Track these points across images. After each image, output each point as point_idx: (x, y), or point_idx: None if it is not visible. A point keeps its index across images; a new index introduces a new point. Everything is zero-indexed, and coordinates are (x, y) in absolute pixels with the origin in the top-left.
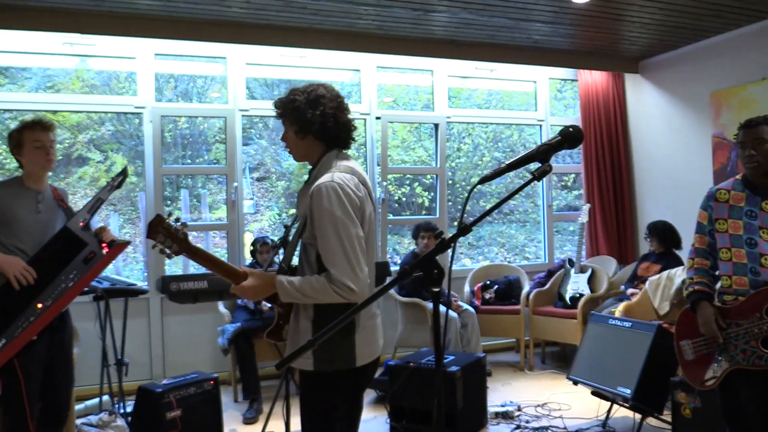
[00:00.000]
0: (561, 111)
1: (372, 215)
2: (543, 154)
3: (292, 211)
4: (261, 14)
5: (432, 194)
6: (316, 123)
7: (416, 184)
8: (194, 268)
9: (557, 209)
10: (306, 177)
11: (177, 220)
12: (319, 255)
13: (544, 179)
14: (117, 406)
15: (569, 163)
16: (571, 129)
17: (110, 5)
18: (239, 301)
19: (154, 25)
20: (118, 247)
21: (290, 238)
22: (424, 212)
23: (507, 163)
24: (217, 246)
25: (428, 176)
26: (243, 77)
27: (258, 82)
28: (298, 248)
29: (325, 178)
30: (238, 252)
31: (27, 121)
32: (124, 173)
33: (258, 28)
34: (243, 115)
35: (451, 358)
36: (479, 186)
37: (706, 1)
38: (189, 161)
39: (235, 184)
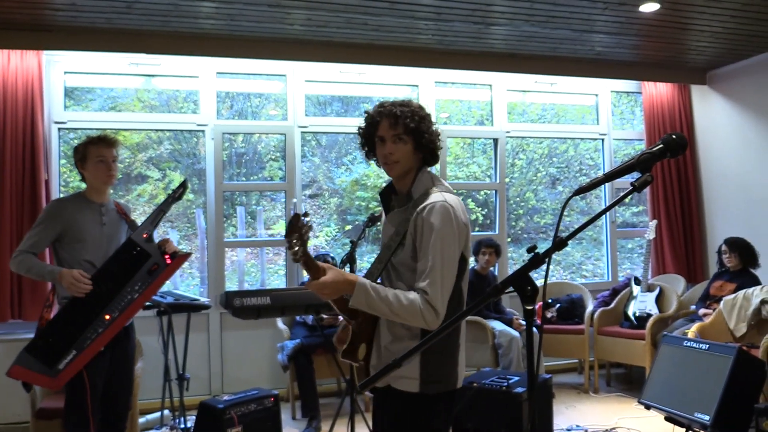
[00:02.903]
0: (619, 124)
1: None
2: (644, 163)
3: (348, 227)
4: (322, 31)
5: (485, 210)
6: (433, 141)
7: (469, 200)
8: (248, 283)
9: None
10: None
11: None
12: (406, 278)
13: (607, 195)
14: (177, 420)
15: (629, 178)
16: (674, 136)
17: (176, 25)
18: (298, 318)
19: (217, 44)
20: (180, 258)
21: (355, 254)
22: (477, 228)
23: (605, 174)
24: (271, 262)
25: (482, 192)
26: (302, 94)
27: (311, 101)
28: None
29: (436, 197)
30: (295, 268)
31: (92, 137)
32: (184, 185)
33: (319, 45)
34: (301, 132)
35: (516, 378)
36: (537, 202)
37: None
38: (244, 179)
39: (294, 200)
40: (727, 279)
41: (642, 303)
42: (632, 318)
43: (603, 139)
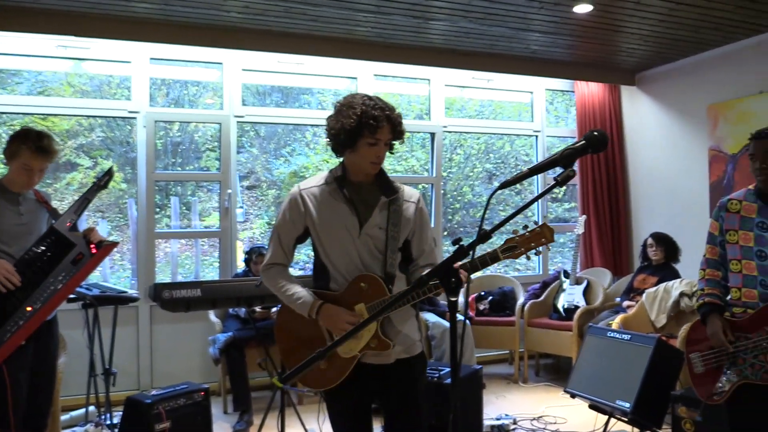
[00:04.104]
0: (553, 122)
1: None
2: (566, 158)
3: None
4: (260, 20)
5: None
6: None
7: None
8: (182, 275)
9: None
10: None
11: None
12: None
13: (538, 190)
14: (103, 417)
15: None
16: (595, 133)
17: (107, 8)
18: (231, 311)
19: (150, 29)
20: (106, 248)
21: None
22: None
23: (529, 168)
24: (206, 254)
25: (420, 186)
26: (239, 83)
27: (250, 90)
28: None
29: (410, 189)
30: (230, 260)
31: (31, 138)
32: (110, 173)
33: (256, 33)
34: (238, 122)
35: (447, 370)
36: (474, 197)
37: (707, 14)
38: (179, 169)
39: (229, 191)
40: (650, 273)
41: (570, 295)
42: (561, 310)
43: (537, 136)
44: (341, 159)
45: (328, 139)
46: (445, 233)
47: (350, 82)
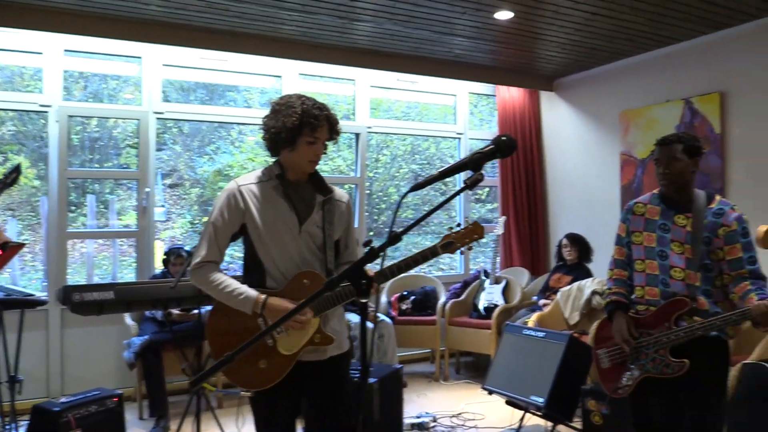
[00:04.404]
0: (478, 125)
1: None
2: (475, 162)
3: (206, 219)
4: (180, 14)
5: None
6: None
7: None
8: (99, 277)
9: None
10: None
11: None
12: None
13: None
14: (8, 426)
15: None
16: (504, 138)
17: None
18: (147, 313)
19: (64, 20)
20: (12, 249)
21: None
22: None
23: (439, 171)
24: (125, 255)
25: (346, 186)
26: (159, 79)
27: (174, 86)
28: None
29: (341, 190)
30: (147, 261)
31: None
32: (17, 170)
33: (177, 27)
34: (157, 118)
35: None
36: (395, 197)
37: (621, 25)
38: (97, 166)
39: (147, 189)
40: (565, 272)
41: (490, 294)
42: (481, 309)
43: (460, 139)
44: (275, 159)
45: (265, 139)
46: (371, 233)
47: (275, 81)
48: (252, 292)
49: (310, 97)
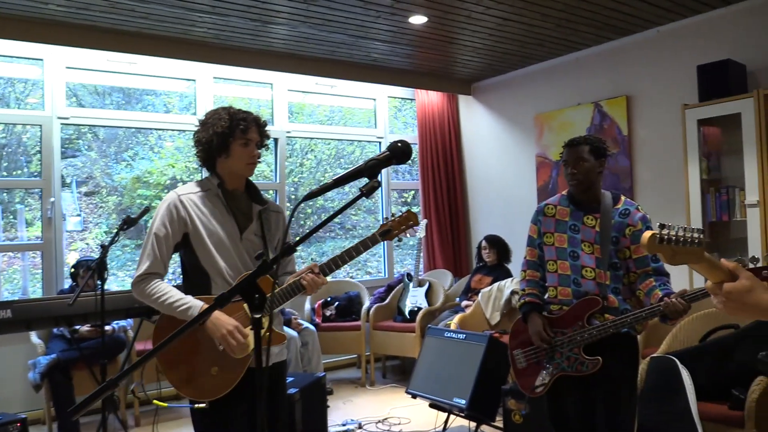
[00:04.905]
0: (402, 129)
1: None
2: (371, 169)
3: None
4: (83, 14)
5: None
6: None
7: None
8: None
9: None
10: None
11: None
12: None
13: (383, 194)
14: None
15: (409, 179)
16: (399, 144)
17: None
18: (55, 330)
19: None
20: None
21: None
22: None
23: (333, 179)
24: (38, 268)
25: (270, 191)
26: (63, 82)
27: (87, 89)
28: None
29: (274, 201)
30: (55, 274)
31: None
32: None
33: (80, 29)
34: (63, 124)
35: (290, 379)
36: (325, 202)
37: (531, 31)
38: (5, 173)
39: (52, 198)
40: (485, 273)
41: (414, 297)
42: (405, 312)
43: (380, 143)
44: (210, 173)
45: (199, 153)
46: (297, 238)
47: (188, 84)
48: (197, 303)
49: (235, 108)
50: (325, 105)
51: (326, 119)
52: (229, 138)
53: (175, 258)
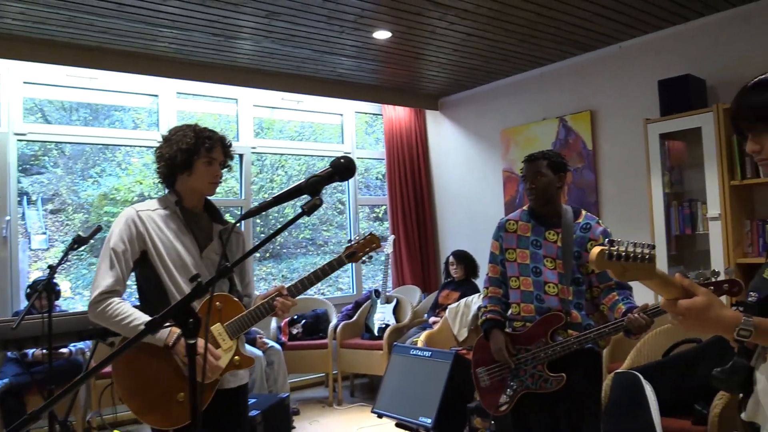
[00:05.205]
0: (372, 144)
1: None
2: (312, 186)
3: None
4: (40, 28)
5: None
6: None
7: (227, 215)
8: None
9: None
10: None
11: None
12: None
13: (350, 210)
14: None
15: (379, 195)
16: (342, 160)
17: None
18: (9, 354)
19: None
20: None
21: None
22: None
23: (273, 197)
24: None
25: (238, 209)
26: (20, 97)
27: (54, 105)
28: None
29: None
30: (11, 295)
31: None
32: None
33: (37, 43)
34: (20, 140)
35: (252, 401)
36: (291, 216)
37: (495, 46)
38: None
39: (8, 217)
40: (453, 288)
41: (381, 314)
42: (373, 329)
43: None
44: (169, 190)
45: (160, 169)
46: (268, 255)
47: (151, 100)
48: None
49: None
50: (295, 120)
51: (297, 135)
52: (193, 155)
53: (131, 278)
